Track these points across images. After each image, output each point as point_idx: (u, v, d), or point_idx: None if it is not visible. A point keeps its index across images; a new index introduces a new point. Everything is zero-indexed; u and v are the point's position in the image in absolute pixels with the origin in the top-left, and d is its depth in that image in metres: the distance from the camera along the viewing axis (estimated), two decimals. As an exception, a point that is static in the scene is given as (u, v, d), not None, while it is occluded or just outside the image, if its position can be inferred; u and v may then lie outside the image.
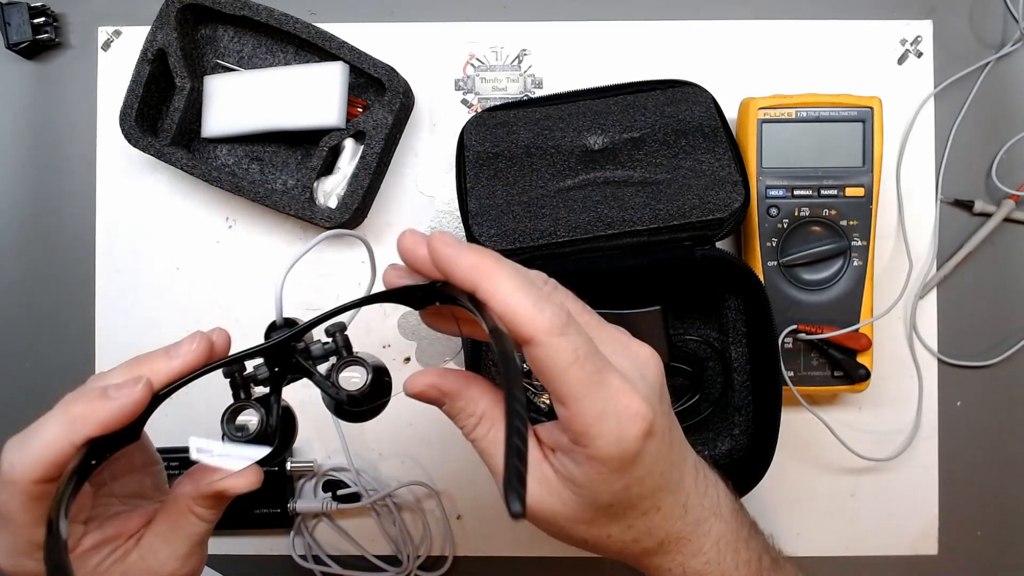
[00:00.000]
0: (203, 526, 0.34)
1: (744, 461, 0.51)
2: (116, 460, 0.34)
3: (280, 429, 0.34)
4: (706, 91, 0.51)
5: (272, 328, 0.34)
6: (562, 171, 0.50)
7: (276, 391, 0.34)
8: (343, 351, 0.34)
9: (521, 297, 0.28)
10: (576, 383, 0.28)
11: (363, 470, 0.56)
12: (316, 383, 0.34)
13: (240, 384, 0.34)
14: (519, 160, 0.50)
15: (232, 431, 0.33)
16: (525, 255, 0.49)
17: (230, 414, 0.33)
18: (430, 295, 0.32)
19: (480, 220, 0.49)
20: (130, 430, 0.31)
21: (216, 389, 0.35)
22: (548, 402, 0.54)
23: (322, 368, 0.34)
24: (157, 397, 0.31)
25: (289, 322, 0.34)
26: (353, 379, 0.34)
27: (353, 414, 0.35)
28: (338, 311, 0.33)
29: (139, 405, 0.30)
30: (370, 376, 0.34)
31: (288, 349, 0.33)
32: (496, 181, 0.50)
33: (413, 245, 0.31)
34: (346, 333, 0.34)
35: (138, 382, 0.30)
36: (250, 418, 0.33)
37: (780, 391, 0.49)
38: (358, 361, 0.34)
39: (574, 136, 0.51)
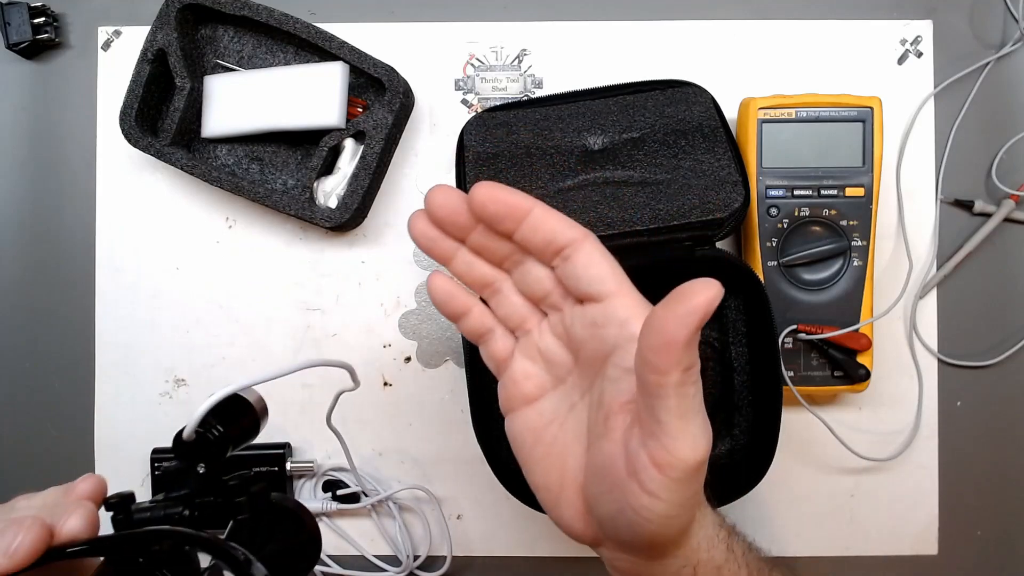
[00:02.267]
0: None
1: (744, 461, 0.51)
2: None
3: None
4: (706, 91, 0.51)
5: (179, 442, 0.28)
6: (562, 171, 0.50)
7: None
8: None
9: (634, 302, 0.32)
10: (679, 405, 0.29)
11: (363, 470, 0.56)
12: None
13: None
14: (519, 160, 0.50)
15: None
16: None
17: None
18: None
19: (480, 220, 0.49)
20: None
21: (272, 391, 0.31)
22: None
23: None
24: None
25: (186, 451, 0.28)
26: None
27: None
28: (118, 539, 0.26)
29: None
30: None
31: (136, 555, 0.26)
32: (496, 181, 0.50)
33: (445, 200, 0.29)
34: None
35: None
36: None
37: (780, 391, 0.48)
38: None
39: (574, 136, 0.51)
